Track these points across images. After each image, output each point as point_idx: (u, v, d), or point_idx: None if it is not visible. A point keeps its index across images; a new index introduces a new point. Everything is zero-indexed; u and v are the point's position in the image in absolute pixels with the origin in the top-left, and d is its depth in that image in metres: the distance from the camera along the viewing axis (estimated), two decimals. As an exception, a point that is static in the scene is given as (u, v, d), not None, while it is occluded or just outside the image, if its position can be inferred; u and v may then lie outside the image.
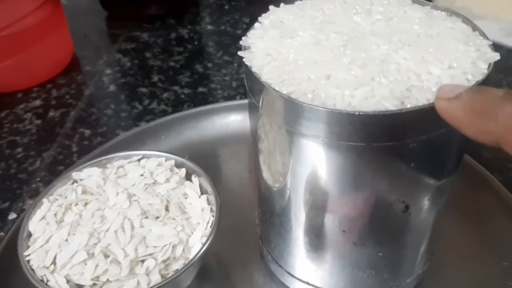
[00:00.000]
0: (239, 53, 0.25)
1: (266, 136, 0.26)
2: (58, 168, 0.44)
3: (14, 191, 0.42)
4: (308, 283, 0.30)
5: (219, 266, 0.34)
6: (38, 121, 0.49)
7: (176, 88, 0.53)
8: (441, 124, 0.20)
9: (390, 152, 0.22)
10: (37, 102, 0.52)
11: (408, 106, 0.21)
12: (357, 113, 0.20)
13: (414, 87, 0.21)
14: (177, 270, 0.30)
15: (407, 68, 0.22)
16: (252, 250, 0.35)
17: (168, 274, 0.30)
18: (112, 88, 0.53)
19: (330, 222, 0.26)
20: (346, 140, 0.22)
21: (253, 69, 0.24)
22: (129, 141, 0.43)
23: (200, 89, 0.52)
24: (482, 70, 0.22)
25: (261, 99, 0.24)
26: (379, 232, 0.26)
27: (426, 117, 0.21)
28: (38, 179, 0.43)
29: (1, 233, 0.38)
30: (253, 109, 0.26)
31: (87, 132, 0.48)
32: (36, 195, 0.41)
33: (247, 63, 0.24)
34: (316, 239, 0.27)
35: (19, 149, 0.46)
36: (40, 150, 0.46)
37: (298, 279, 0.31)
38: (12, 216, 0.40)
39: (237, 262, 0.35)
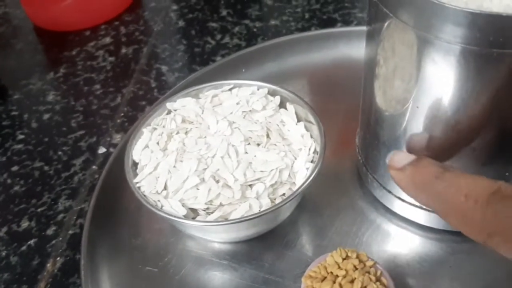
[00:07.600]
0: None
1: (385, 62, 0.25)
2: (140, 104, 0.44)
3: (99, 126, 0.42)
4: (416, 205, 0.30)
5: (320, 193, 0.34)
6: (111, 58, 0.49)
7: (246, 21, 0.51)
8: None
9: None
10: (107, 40, 0.51)
11: None
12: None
13: None
14: (283, 194, 0.30)
15: None
16: (352, 178, 0.35)
17: (275, 198, 0.30)
18: (181, 23, 0.52)
19: (460, 141, 0.25)
20: (500, 47, 0.20)
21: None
22: (210, 75, 0.42)
23: (272, 22, 0.51)
24: None
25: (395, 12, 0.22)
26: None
27: None
28: (122, 114, 0.43)
29: (94, 167, 0.39)
30: (372, 36, 0.26)
31: (164, 67, 0.47)
32: (121, 130, 0.41)
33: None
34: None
35: (97, 86, 0.46)
36: (119, 87, 0.46)
37: (410, 203, 0.30)
38: (102, 150, 0.40)
39: (338, 188, 0.34)
